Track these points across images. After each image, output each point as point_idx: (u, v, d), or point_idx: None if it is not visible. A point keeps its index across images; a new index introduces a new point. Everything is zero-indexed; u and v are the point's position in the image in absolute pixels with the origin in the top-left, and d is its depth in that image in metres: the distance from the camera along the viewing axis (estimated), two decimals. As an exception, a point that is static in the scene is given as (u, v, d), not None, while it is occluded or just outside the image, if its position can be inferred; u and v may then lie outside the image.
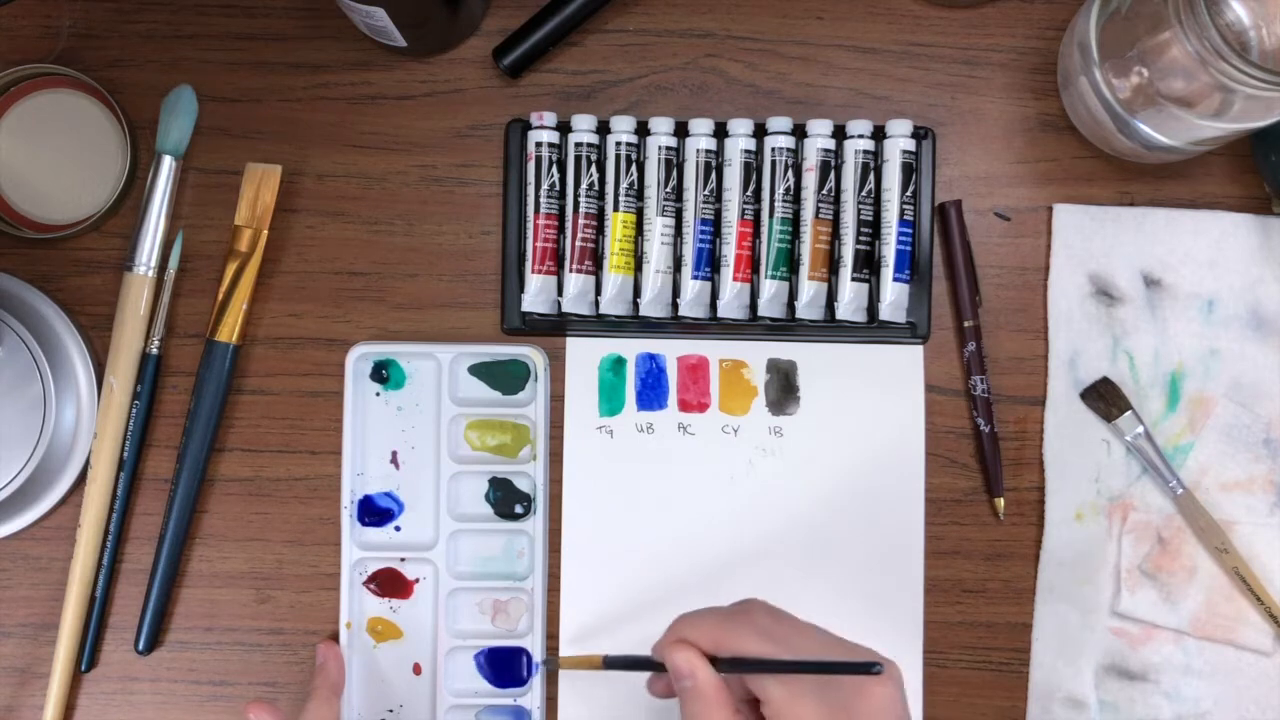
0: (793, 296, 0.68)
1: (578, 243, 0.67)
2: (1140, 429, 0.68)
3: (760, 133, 0.67)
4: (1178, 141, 0.63)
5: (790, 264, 0.67)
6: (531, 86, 0.69)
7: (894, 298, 0.67)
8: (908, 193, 0.67)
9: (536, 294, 0.67)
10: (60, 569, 0.67)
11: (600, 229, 0.67)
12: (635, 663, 0.60)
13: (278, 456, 0.68)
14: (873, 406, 0.68)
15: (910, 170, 0.67)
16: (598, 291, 0.67)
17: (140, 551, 0.68)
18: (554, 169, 0.67)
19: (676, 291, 0.68)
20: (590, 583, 0.67)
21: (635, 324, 0.68)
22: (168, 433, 0.68)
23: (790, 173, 0.67)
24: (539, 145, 0.67)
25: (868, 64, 0.69)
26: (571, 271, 0.67)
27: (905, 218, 0.67)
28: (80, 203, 0.68)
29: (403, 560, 0.67)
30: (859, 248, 0.67)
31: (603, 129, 0.67)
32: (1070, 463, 0.68)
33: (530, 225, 0.67)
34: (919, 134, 0.67)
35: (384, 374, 0.68)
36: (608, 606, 0.67)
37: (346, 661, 0.67)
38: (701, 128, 0.67)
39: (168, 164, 0.67)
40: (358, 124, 0.69)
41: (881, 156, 0.67)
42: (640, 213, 0.67)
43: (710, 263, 0.67)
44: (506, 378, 0.68)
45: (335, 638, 0.67)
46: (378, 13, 0.62)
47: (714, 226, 0.67)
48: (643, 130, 0.67)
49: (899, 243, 0.67)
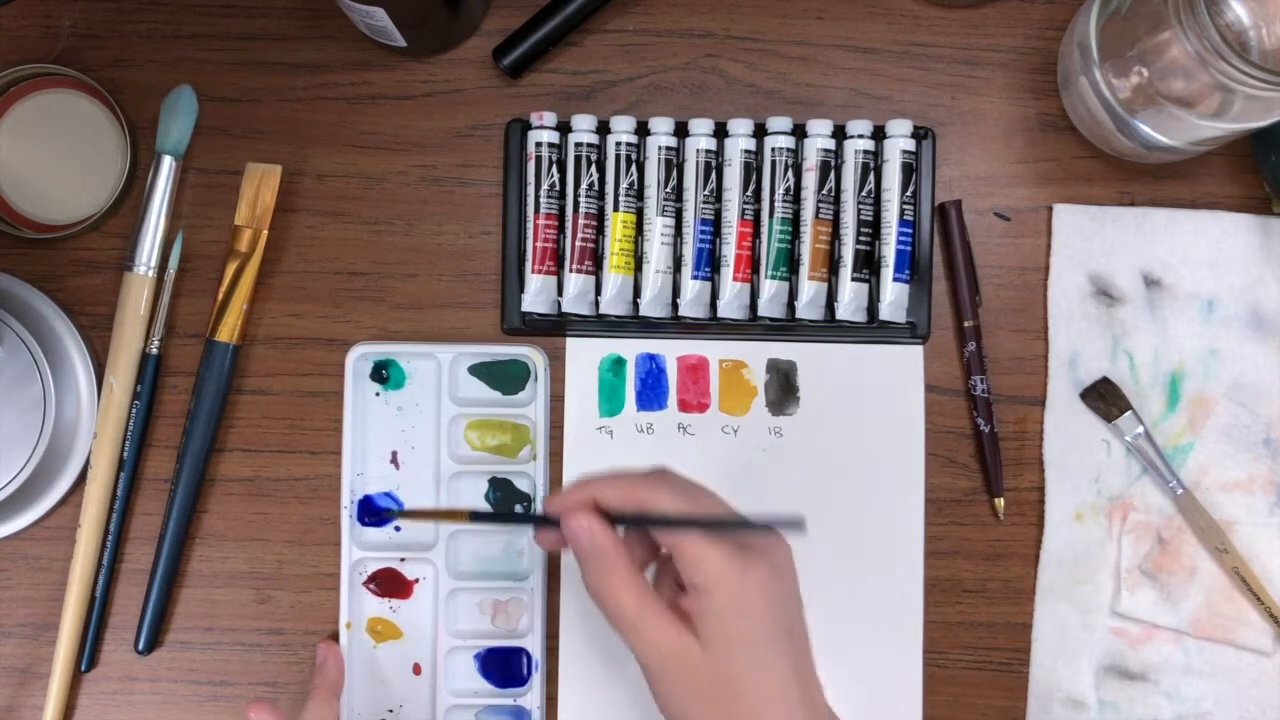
0: (793, 296, 0.68)
1: (578, 243, 0.67)
2: (1140, 429, 0.68)
3: (760, 133, 0.67)
4: (1178, 141, 0.63)
5: (790, 264, 0.67)
6: (531, 86, 0.69)
7: (894, 298, 0.67)
8: (908, 193, 0.67)
9: (536, 294, 0.67)
10: (60, 569, 0.67)
11: (600, 229, 0.67)
12: (510, 518, 0.62)
13: (278, 456, 0.68)
14: (873, 406, 0.68)
15: (910, 170, 0.67)
16: (598, 291, 0.67)
17: (140, 551, 0.68)
18: (554, 169, 0.67)
19: (676, 291, 0.68)
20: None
21: (635, 324, 0.68)
22: (168, 433, 0.68)
23: (790, 173, 0.67)
24: (539, 145, 0.67)
25: (868, 64, 0.69)
26: (571, 271, 0.67)
27: (905, 218, 0.67)
28: (80, 203, 0.68)
29: (402, 560, 0.67)
30: (859, 248, 0.67)
31: (603, 129, 0.67)
32: (1070, 463, 0.68)
33: (530, 225, 0.67)
34: (919, 134, 0.67)
35: (384, 374, 0.68)
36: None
37: (346, 661, 0.67)
38: (701, 128, 0.67)
39: (168, 164, 0.67)
40: (358, 124, 0.69)
41: (881, 156, 0.67)
42: (640, 213, 0.67)
43: (710, 263, 0.67)
44: (506, 378, 0.68)
45: (335, 638, 0.67)
46: (378, 13, 0.62)
47: (714, 226, 0.67)
48: (643, 130, 0.67)
49: (899, 243, 0.67)
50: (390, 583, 0.68)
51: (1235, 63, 0.56)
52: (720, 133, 0.67)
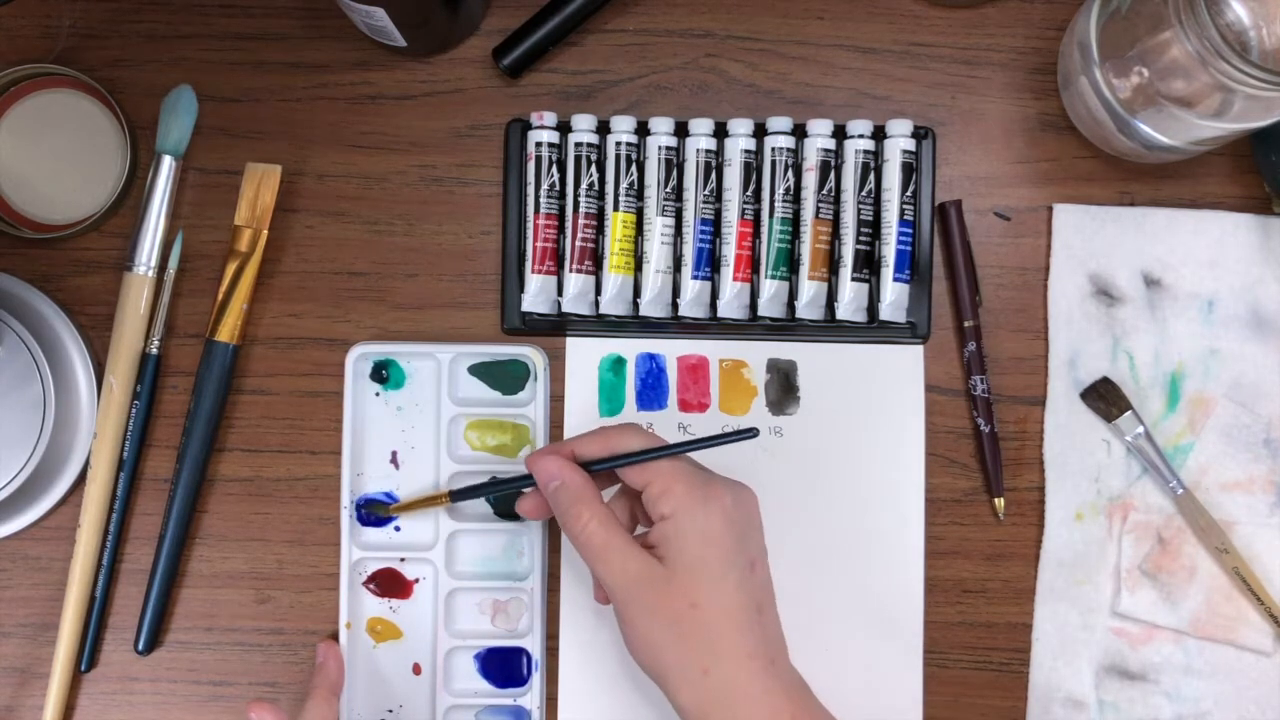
0: (793, 296, 0.68)
1: (578, 243, 0.67)
2: (1140, 429, 0.68)
3: (760, 133, 0.67)
4: (1178, 141, 0.63)
5: (790, 264, 0.67)
6: (531, 86, 0.69)
7: (894, 298, 0.67)
8: (908, 193, 0.67)
9: (536, 294, 0.67)
10: (60, 569, 0.67)
11: (600, 229, 0.67)
12: (485, 487, 0.65)
13: (278, 456, 0.68)
14: (873, 406, 0.68)
15: (910, 170, 0.67)
16: (598, 291, 0.67)
17: (140, 551, 0.68)
18: (554, 169, 0.67)
19: (676, 291, 0.68)
20: (590, 582, 0.67)
21: (635, 324, 0.68)
22: (168, 433, 0.68)
23: (790, 173, 0.67)
24: (539, 145, 0.67)
25: (868, 64, 0.69)
26: (571, 271, 0.67)
27: (905, 218, 0.67)
28: (80, 203, 0.68)
29: (402, 560, 0.67)
30: (859, 248, 0.67)
31: (603, 129, 0.67)
32: (1070, 463, 0.68)
33: (530, 225, 0.67)
34: (919, 134, 0.67)
35: (384, 374, 0.68)
36: (608, 606, 0.67)
37: (346, 661, 0.67)
38: (701, 128, 0.67)
39: (168, 164, 0.67)
40: (358, 124, 0.69)
41: (881, 156, 0.67)
42: (640, 213, 0.67)
43: (710, 263, 0.67)
44: (506, 378, 0.68)
45: (335, 637, 0.67)
46: (378, 13, 0.62)
47: (714, 226, 0.67)
48: (643, 130, 0.67)
49: (899, 243, 0.67)
50: (390, 583, 0.68)
51: (1235, 63, 0.56)
52: (720, 133, 0.67)
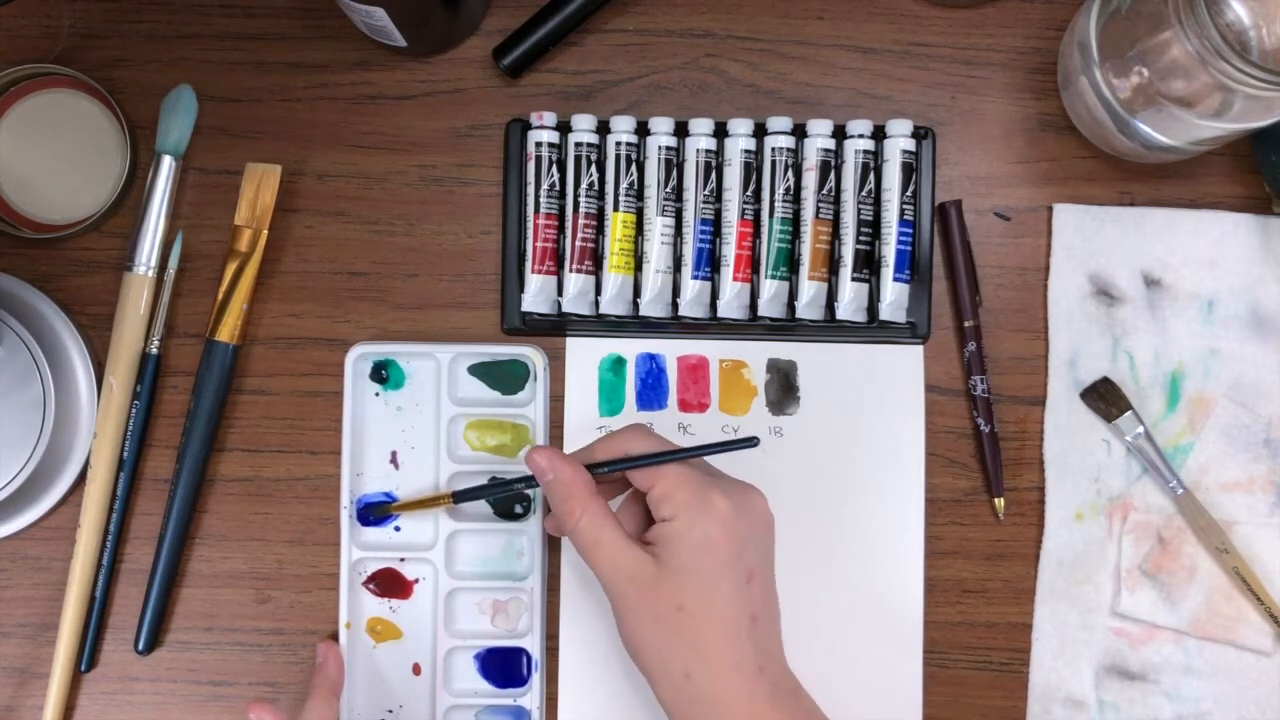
0: (793, 296, 0.68)
1: (578, 243, 0.67)
2: (1140, 429, 0.68)
3: (760, 133, 0.67)
4: (1178, 141, 0.63)
5: (790, 264, 0.67)
6: (531, 86, 0.69)
7: (894, 298, 0.67)
8: (908, 193, 0.67)
9: (536, 294, 0.67)
10: (60, 569, 0.67)
11: (600, 229, 0.67)
12: (488, 489, 0.65)
13: (278, 456, 0.68)
14: (873, 406, 0.68)
15: (910, 170, 0.67)
16: (598, 291, 0.67)
17: (140, 551, 0.68)
18: (554, 169, 0.67)
19: (676, 291, 0.68)
20: (590, 583, 0.67)
21: (635, 324, 0.68)
22: (167, 433, 0.68)
23: (790, 173, 0.67)
24: (539, 145, 0.67)
25: (868, 64, 0.69)
26: (571, 271, 0.67)
27: (905, 218, 0.67)
28: (80, 203, 0.68)
29: (402, 560, 0.67)
30: (859, 248, 0.67)
31: (603, 129, 0.67)
32: (1070, 463, 0.68)
33: (530, 225, 0.67)
34: (919, 134, 0.67)
35: (383, 374, 0.68)
36: (608, 606, 0.67)
37: (346, 661, 0.67)
38: (701, 128, 0.67)
39: (168, 164, 0.67)
40: (358, 124, 0.69)
41: (881, 156, 0.67)
42: (640, 213, 0.67)
43: (710, 263, 0.67)
44: (506, 378, 0.68)
45: (335, 638, 0.67)
46: (378, 13, 0.62)
47: (714, 226, 0.67)
48: (643, 130, 0.67)
49: (899, 243, 0.67)
50: (390, 583, 0.68)
51: (1235, 63, 0.56)
52: (720, 133, 0.67)
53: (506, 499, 0.67)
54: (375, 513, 0.67)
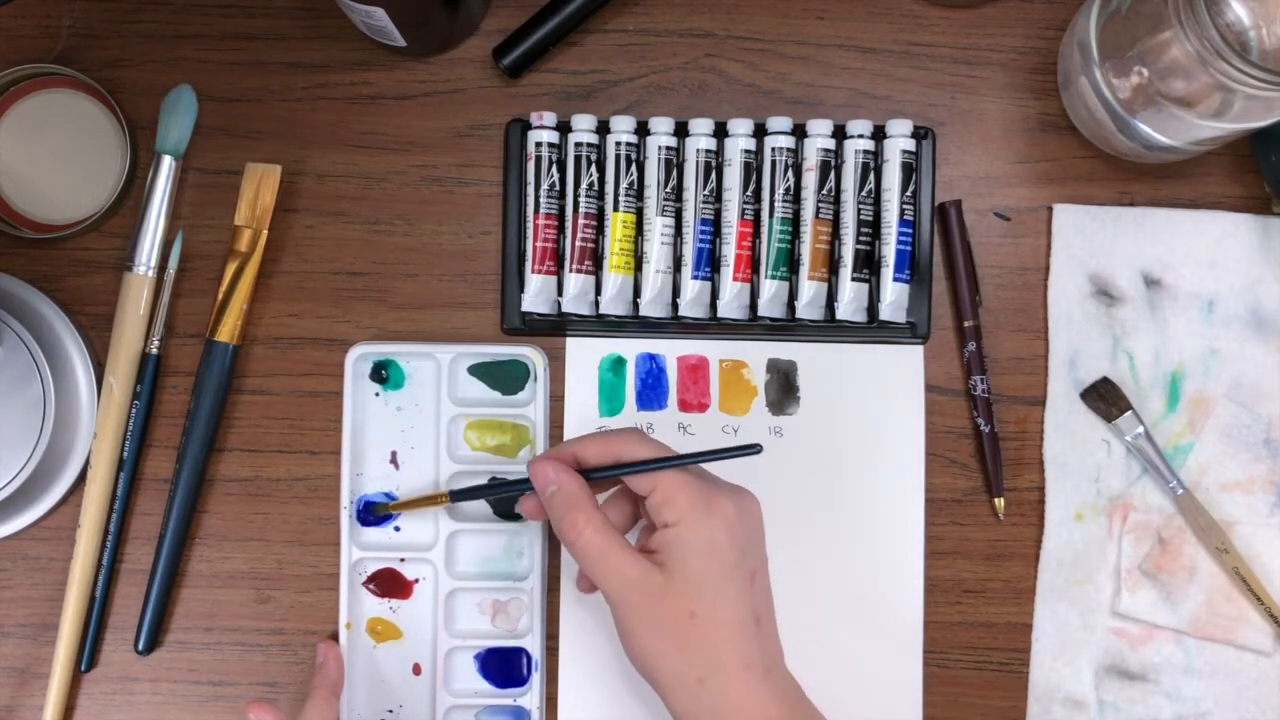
0: (793, 296, 0.68)
1: (578, 243, 0.67)
2: (1140, 429, 0.68)
3: (760, 133, 0.67)
4: (1178, 141, 0.63)
5: (790, 264, 0.67)
6: (531, 86, 0.69)
7: (894, 298, 0.67)
8: (908, 193, 0.67)
9: (536, 294, 0.67)
10: (60, 569, 0.67)
11: (600, 229, 0.67)
12: (486, 489, 0.65)
13: (277, 456, 0.68)
14: (873, 406, 0.68)
15: (910, 170, 0.67)
16: (598, 291, 0.67)
17: (140, 551, 0.68)
18: (554, 169, 0.67)
19: (676, 291, 0.68)
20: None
21: (635, 324, 0.68)
22: (167, 433, 0.68)
23: (790, 173, 0.67)
24: (539, 145, 0.67)
25: (868, 64, 0.69)
26: (571, 271, 0.67)
27: (905, 218, 0.67)
28: (80, 203, 0.68)
29: (402, 560, 0.67)
30: (859, 248, 0.67)
31: (603, 129, 0.67)
32: (1070, 463, 0.68)
33: (530, 225, 0.67)
34: (919, 134, 0.67)
35: (383, 374, 0.68)
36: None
37: (346, 661, 0.67)
38: (701, 128, 0.67)
39: (167, 164, 0.67)
40: (358, 124, 0.69)
41: (881, 156, 0.67)
42: (640, 213, 0.67)
43: (710, 263, 0.67)
44: (506, 378, 0.68)
45: (335, 638, 0.67)
46: (378, 13, 0.62)
47: (714, 226, 0.67)
48: (643, 130, 0.67)
49: (899, 243, 0.67)
50: (390, 583, 0.68)
51: (1235, 63, 0.56)
52: (720, 133, 0.67)
53: (506, 499, 0.67)
54: (374, 512, 0.67)
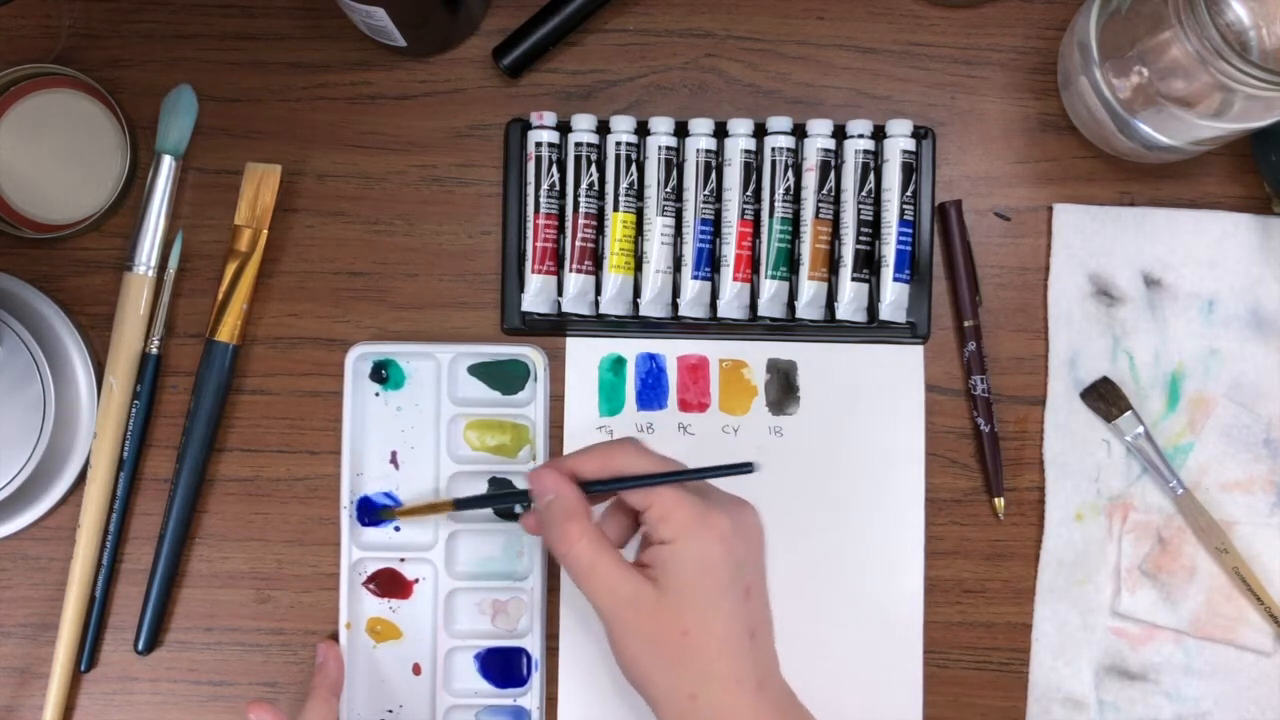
0: (793, 296, 0.68)
1: (578, 243, 0.67)
2: (1140, 429, 0.68)
3: (760, 133, 0.67)
4: (1178, 141, 0.63)
5: (790, 264, 0.67)
6: (531, 86, 0.69)
7: (894, 298, 0.67)
8: (908, 193, 0.67)
9: (536, 294, 0.67)
10: (60, 569, 0.67)
11: (600, 229, 0.67)
12: (489, 498, 0.65)
13: (277, 456, 0.68)
14: (873, 406, 0.68)
15: (910, 170, 0.67)
16: (598, 291, 0.67)
17: (140, 551, 0.68)
18: (554, 169, 0.67)
19: (676, 291, 0.68)
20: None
21: (635, 324, 0.68)
22: (167, 433, 0.68)
23: (790, 173, 0.67)
24: (539, 145, 0.67)
25: (868, 64, 0.69)
26: (571, 271, 0.67)
27: (905, 218, 0.67)
28: (80, 203, 0.68)
29: (402, 560, 0.67)
30: (859, 248, 0.67)
31: (603, 129, 0.67)
32: (1070, 463, 0.68)
33: (530, 225, 0.67)
34: (919, 134, 0.67)
35: (383, 374, 0.68)
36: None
37: (346, 661, 0.67)
38: (701, 128, 0.67)
39: (167, 164, 0.67)
40: (358, 124, 0.69)
41: (881, 156, 0.67)
42: (640, 213, 0.67)
43: (710, 263, 0.67)
44: (506, 378, 0.68)
45: (335, 638, 0.67)
46: (378, 12, 0.62)
47: (714, 226, 0.67)
48: (643, 130, 0.67)
49: (899, 243, 0.67)
50: (390, 583, 0.68)
51: (1235, 63, 0.56)
52: (720, 133, 0.67)
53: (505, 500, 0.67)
54: (377, 517, 0.67)
